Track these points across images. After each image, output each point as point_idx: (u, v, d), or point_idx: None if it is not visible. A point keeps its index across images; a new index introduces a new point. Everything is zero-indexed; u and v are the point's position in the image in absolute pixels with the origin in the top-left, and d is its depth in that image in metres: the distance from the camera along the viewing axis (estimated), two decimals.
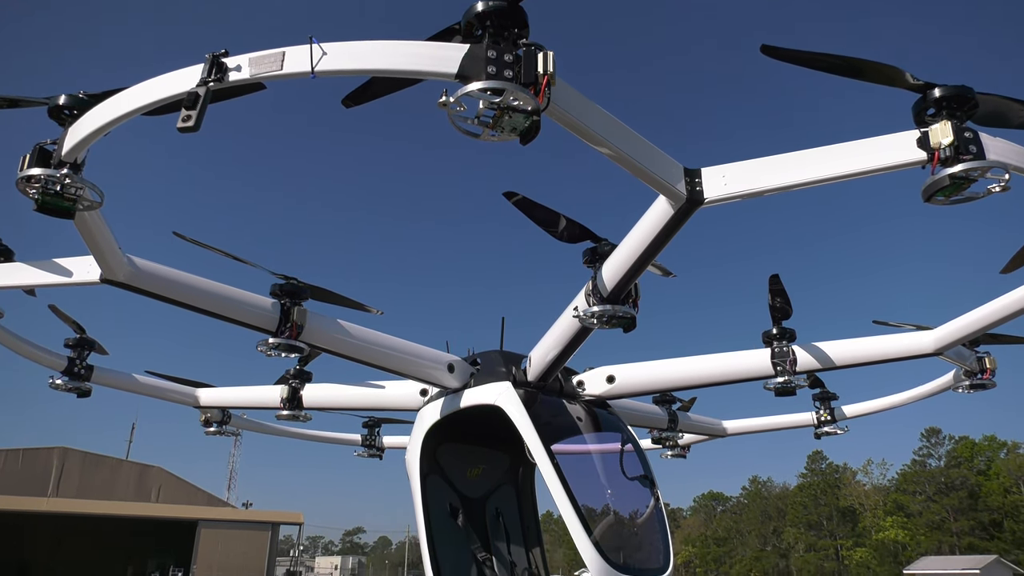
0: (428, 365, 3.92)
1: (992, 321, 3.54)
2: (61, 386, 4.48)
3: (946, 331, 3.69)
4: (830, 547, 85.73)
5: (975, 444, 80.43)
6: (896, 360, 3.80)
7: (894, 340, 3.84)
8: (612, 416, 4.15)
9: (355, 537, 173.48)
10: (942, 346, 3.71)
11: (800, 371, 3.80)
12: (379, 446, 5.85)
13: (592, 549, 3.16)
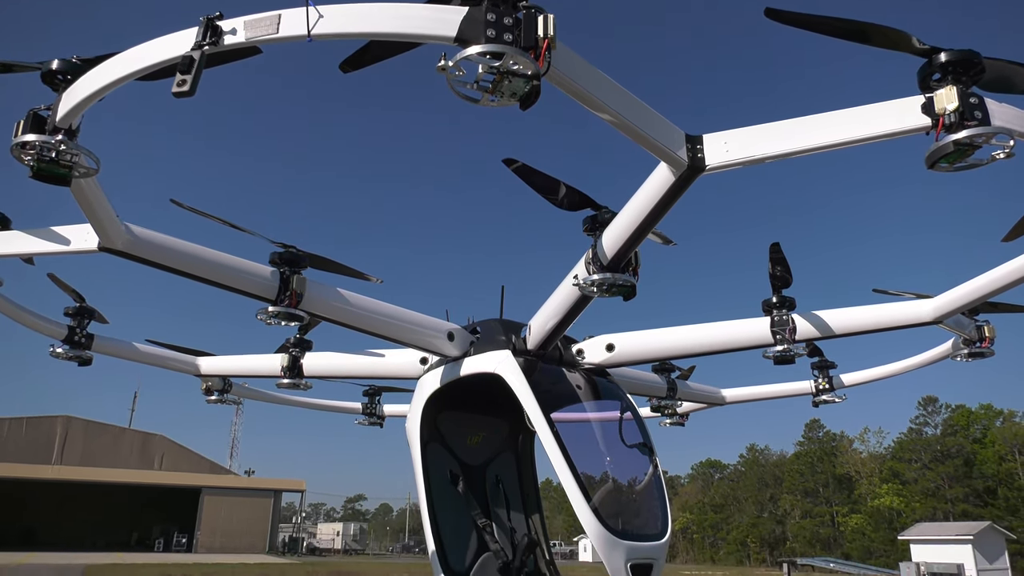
0: (428, 333, 3.92)
1: (992, 290, 3.53)
2: (62, 354, 4.48)
3: (945, 300, 3.68)
4: (826, 514, 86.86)
5: (971, 413, 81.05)
6: (895, 329, 3.80)
7: (893, 308, 3.83)
8: (611, 384, 4.16)
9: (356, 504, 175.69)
10: (941, 315, 3.70)
11: (799, 339, 3.80)
12: (379, 414, 5.88)
13: (591, 515, 3.19)
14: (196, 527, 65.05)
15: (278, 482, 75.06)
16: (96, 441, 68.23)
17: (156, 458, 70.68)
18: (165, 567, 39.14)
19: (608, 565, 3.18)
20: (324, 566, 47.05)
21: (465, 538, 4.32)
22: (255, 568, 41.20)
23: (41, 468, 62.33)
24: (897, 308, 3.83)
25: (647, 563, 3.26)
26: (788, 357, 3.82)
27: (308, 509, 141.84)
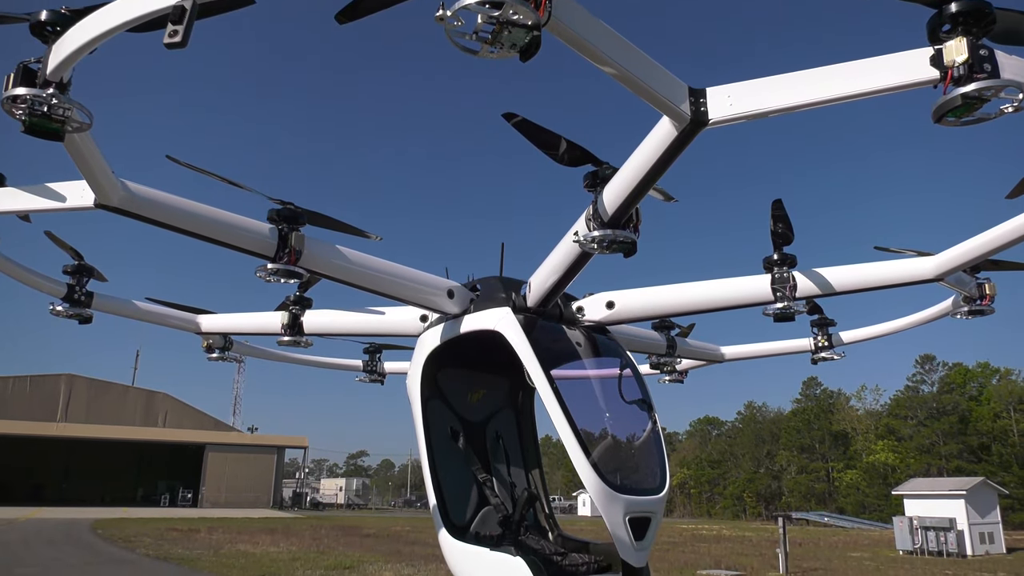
0: (428, 291, 3.90)
1: (994, 247, 3.50)
2: (62, 312, 4.47)
3: (947, 257, 3.66)
4: (821, 469, 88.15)
5: (968, 371, 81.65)
6: (896, 286, 3.78)
7: (894, 266, 3.81)
8: (611, 341, 4.16)
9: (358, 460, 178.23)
10: (942, 272, 3.68)
11: (800, 297, 3.79)
12: (380, 371, 5.91)
13: (590, 470, 3.22)
14: (201, 483, 66.10)
15: (281, 439, 76.06)
16: (100, 399, 68.93)
17: (160, 415, 71.47)
18: (171, 521, 39.87)
19: (607, 519, 3.23)
20: (328, 520, 47.93)
21: (466, 492, 4.37)
22: (259, 522, 41.96)
23: (46, 425, 63.11)
24: (898, 265, 3.80)
25: (645, 516, 3.31)
26: (788, 314, 3.81)
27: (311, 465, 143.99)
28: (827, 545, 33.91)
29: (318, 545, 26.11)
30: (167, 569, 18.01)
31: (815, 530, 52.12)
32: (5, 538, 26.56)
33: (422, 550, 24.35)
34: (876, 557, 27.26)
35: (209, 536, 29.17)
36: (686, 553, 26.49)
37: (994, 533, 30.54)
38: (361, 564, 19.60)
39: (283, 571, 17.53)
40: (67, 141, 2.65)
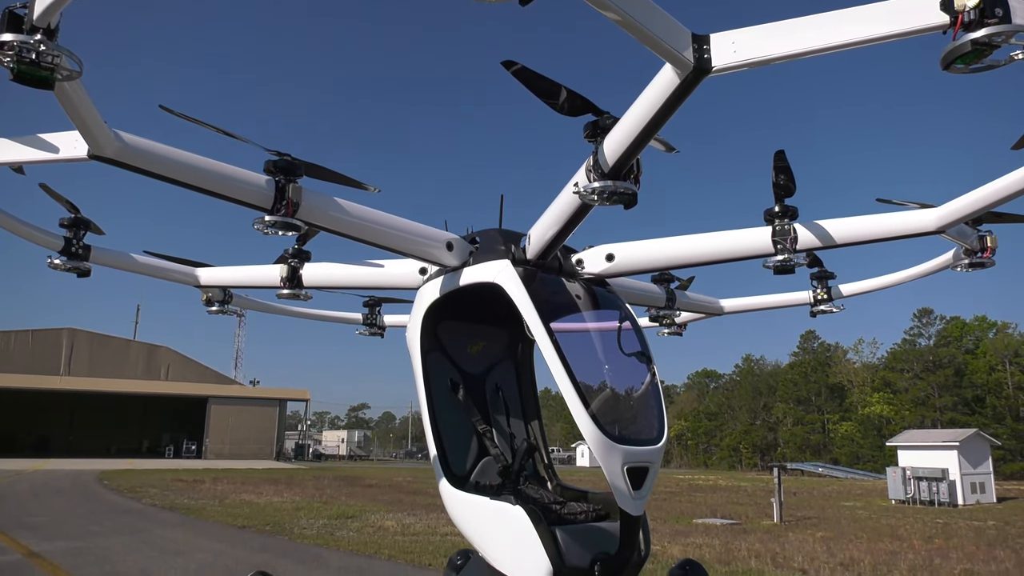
0: (427, 243, 3.86)
1: (997, 199, 3.46)
2: (60, 266, 4.44)
3: (949, 209, 3.62)
4: (817, 421, 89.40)
5: (965, 324, 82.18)
6: (897, 238, 3.75)
7: (896, 218, 3.78)
8: (610, 294, 4.15)
9: (360, 413, 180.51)
10: (944, 224, 3.65)
11: (801, 249, 3.76)
12: (380, 324, 5.89)
13: (589, 421, 3.24)
14: (204, 435, 67.04)
15: (283, 391, 76.89)
16: (101, 353, 69.46)
17: (162, 369, 72.10)
18: (176, 472, 40.55)
19: (605, 468, 3.26)
20: (330, 471, 48.75)
21: (466, 443, 4.41)
22: (263, 473, 42.68)
23: (49, 379, 63.72)
24: (900, 217, 3.77)
25: (643, 466, 3.34)
26: (788, 267, 3.78)
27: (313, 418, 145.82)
28: (821, 495, 34.57)
29: (321, 495, 26.59)
30: (173, 518, 18.37)
31: (809, 480, 53.10)
32: (14, 489, 27.04)
33: (423, 500, 24.83)
34: (869, 506, 27.82)
35: (214, 486, 29.69)
36: (683, 503, 27.01)
37: (985, 483, 31.13)
38: (364, 513, 20.00)
39: (287, 520, 17.89)
40: (57, 90, 2.59)
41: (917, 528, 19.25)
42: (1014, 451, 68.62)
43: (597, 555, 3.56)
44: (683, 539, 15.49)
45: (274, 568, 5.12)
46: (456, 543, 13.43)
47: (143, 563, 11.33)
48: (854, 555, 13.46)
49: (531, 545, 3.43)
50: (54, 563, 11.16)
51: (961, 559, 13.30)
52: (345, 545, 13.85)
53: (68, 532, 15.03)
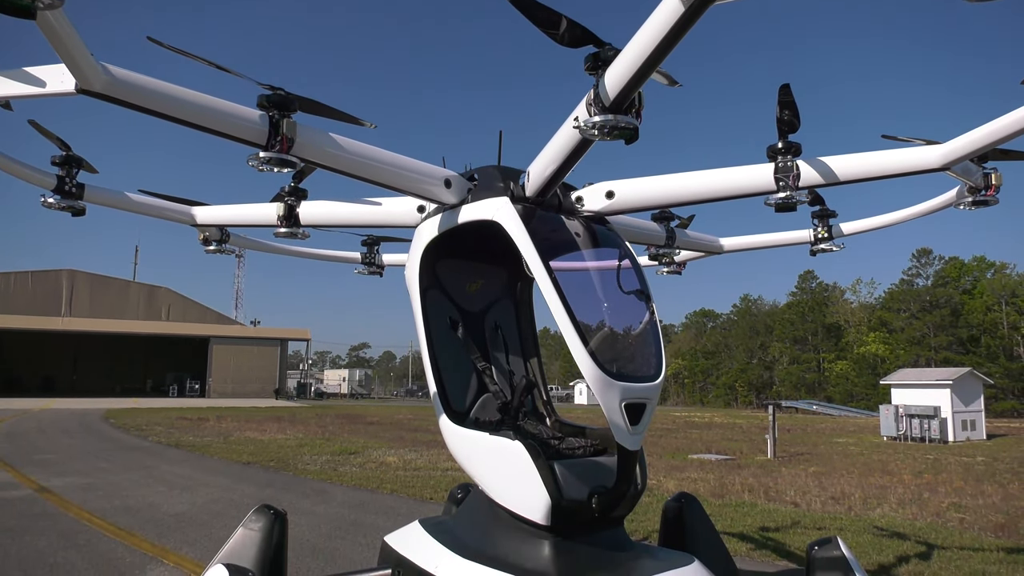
0: (424, 180, 3.81)
1: (1004, 135, 3.38)
2: (54, 205, 4.38)
3: (955, 145, 3.55)
4: (813, 360, 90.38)
5: (964, 264, 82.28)
6: (902, 175, 3.69)
7: (900, 154, 3.71)
8: (610, 232, 4.11)
9: (360, 352, 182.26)
10: (949, 161, 3.58)
11: (803, 186, 3.71)
12: (379, 263, 5.87)
13: (588, 359, 3.25)
14: (207, 374, 67.80)
15: (284, 331, 77.40)
16: (101, 294, 69.64)
17: (163, 309, 72.41)
18: (181, 410, 41.18)
19: (604, 405, 3.29)
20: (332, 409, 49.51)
21: (465, 380, 4.44)
22: (266, 411, 43.34)
23: (52, 320, 64.07)
24: (905, 154, 3.70)
25: (641, 403, 3.37)
26: (790, 204, 3.73)
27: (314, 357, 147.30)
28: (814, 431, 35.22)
29: (324, 432, 27.07)
30: (179, 455, 18.73)
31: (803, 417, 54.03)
32: (22, 427, 27.49)
33: (424, 436, 25.28)
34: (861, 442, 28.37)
35: (218, 424, 30.19)
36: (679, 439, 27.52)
37: (976, 420, 31.66)
38: (366, 449, 20.39)
39: (291, 456, 18.25)
40: (40, 19, 2.50)
41: (907, 463, 19.68)
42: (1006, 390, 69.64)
43: (595, 488, 3.63)
44: (679, 474, 15.84)
45: (279, 502, 5.25)
46: (457, 478, 13.74)
47: (151, 498, 11.60)
48: (845, 489, 13.79)
49: (530, 479, 3.50)
50: (65, 498, 11.42)
51: (949, 493, 13.63)
52: (348, 480, 14.16)
53: (77, 468, 15.34)
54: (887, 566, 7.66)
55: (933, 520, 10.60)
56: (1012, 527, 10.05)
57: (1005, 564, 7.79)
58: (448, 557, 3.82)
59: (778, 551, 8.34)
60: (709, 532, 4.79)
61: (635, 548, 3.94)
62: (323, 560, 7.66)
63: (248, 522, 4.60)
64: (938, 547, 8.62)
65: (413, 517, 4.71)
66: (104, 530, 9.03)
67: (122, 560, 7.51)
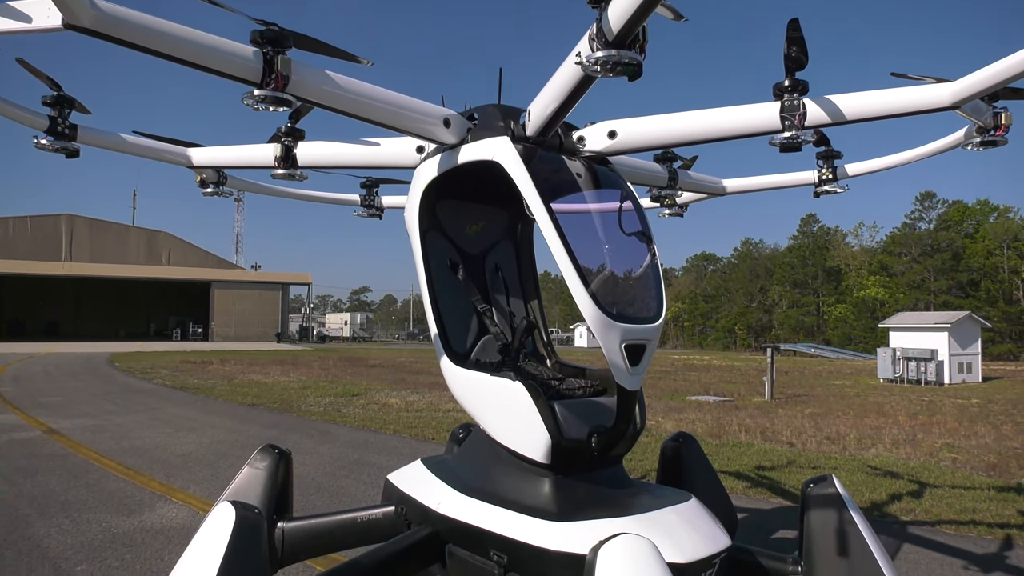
0: (423, 119, 3.73)
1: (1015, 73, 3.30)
2: (47, 146, 4.31)
3: (965, 83, 3.45)
4: (812, 304, 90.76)
5: (967, 208, 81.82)
6: (911, 114, 3.60)
7: (909, 92, 3.62)
8: (612, 173, 4.06)
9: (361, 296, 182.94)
10: (959, 99, 3.49)
11: (809, 125, 3.63)
12: (378, 206, 5.82)
13: (588, 300, 3.24)
14: (210, 318, 68.23)
15: (285, 275, 77.56)
16: (101, 239, 69.55)
17: (163, 254, 72.42)
18: (184, 354, 41.57)
19: (604, 346, 3.30)
20: (334, 352, 49.97)
21: (466, 322, 4.45)
22: (269, 354, 43.76)
23: (53, 265, 64.15)
24: (913, 92, 3.60)
25: (641, 343, 3.38)
26: (795, 144, 3.65)
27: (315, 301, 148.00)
28: (812, 374, 35.60)
29: (326, 375, 27.38)
30: (185, 397, 18.99)
31: (801, 360, 54.55)
32: (28, 371, 27.79)
33: (426, 379, 25.58)
34: (857, 384, 28.70)
35: (222, 367, 30.52)
36: (677, 381, 27.84)
37: (972, 363, 31.97)
38: (368, 391, 20.65)
39: (295, 398, 18.49)
40: None
41: (903, 405, 19.94)
42: (1003, 333, 70.16)
43: (594, 428, 3.67)
44: (677, 415, 16.07)
45: (284, 442, 5.33)
46: (458, 418, 13.96)
47: (158, 439, 11.80)
48: (840, 430, 14.00)
49: (530, 418, 3.53)
50: (73, 439, 11.62)
51: (943, 434, 13.84)
52: (351, 421, 14.37)
53: (84, 411, 15.56)
54: (880, 503, 7.83)
55: (926, 460, 10.79)
56: (1003, 466, 10.24)
57: (995, 502, 7.96)
58: (449, 494, 3.89)
59: (774, 489, 8.52)
60: (706, 471, 4.87)
61: (634, 485, 4.01)
62: (328, 497, 7.83)
63: (253, 461, 4.68)
64: (930, 485, 8.80)
65: (415, 456, 4.79)
66: (113, 470, 9.22)
67: (131, 498, 7.68)
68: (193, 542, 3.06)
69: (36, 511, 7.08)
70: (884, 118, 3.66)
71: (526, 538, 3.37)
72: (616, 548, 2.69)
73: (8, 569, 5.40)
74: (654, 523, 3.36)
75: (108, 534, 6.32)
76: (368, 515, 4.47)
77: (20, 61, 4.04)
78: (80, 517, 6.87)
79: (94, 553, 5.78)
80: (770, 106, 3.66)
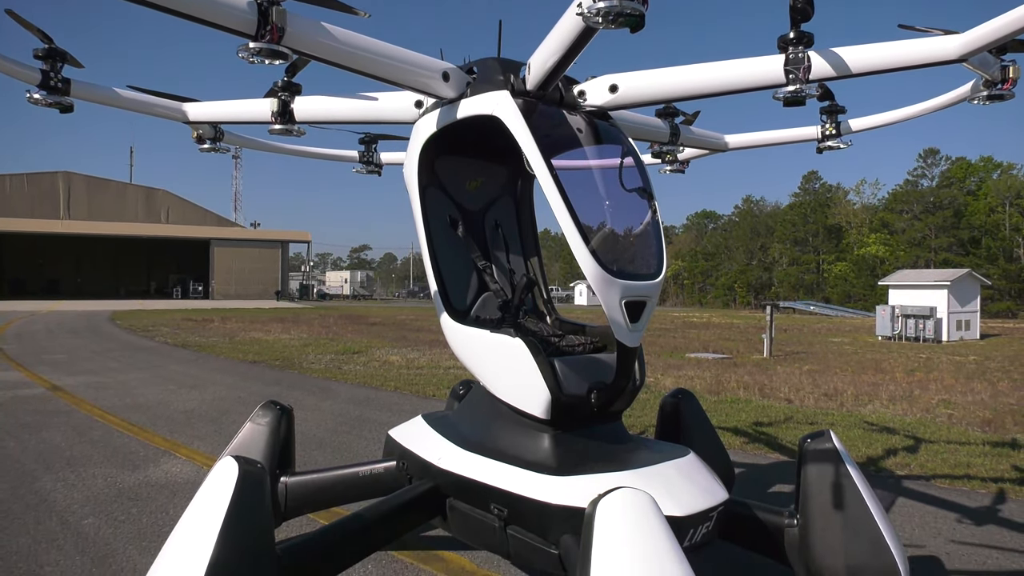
0: (421, 73, 3.67)
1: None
2: (40, 100, 4.24)
3: (974, 35, 3.37)
4: (812, 261, 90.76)
5: (970, 165, 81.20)
6: (918, 67, 3.53)
7: (916, 45, 3.54)
8: (613, 128, 4.00)
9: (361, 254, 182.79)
10: (967, 52, 3.41)
11: (814, 79, 3.56)
12: (377, 162, 5.76)
13: (589, 256, 3.23)
14: (210, 276, 68.29)
15: (284, 233, 77.41)
16: (99, 196, 69.18)
17: (162, 212, 72.14)
18: (185, 312, 41.70)
19: (604, 302, 3.30)
20: (335, 310, 50.12)
21: (466, 279, 4.45)
22: (270, 312, 43.90)
23: (52, 223, 63.96)
24: (920, 44, 3.52)
25: (641, 300, 3.38)
26: (799, 98, 3.59)
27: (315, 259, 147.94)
28: (810, 331, 35.77)
29: (327, 332, 27.51)
30: (187, 355, 19.10)
31: (800, 318, 54.74)
32: (30, 328, 27.92)
33: (426, 336, 25.70)
34: (855, 342, 28.85)
35: (223, 325, 30.64)
36: (676, 338, 27.98)
37: (971, 321, 32.10)
38: (369, 349, 20.76)
39: (296, 356, 18.61)
40: None
41: (900, 362, 20.07)
42: (1003, 290, 70.29)
43: (594, 384, 3.69)
44: (676, 372, 16.19)
45: (286, 399, 5.38)
46: (458, 375, 14.06)
47: (161, 396, 11.90)
48: (838, 386, 14.12)
49: (530, 375, 3.55)
50: (77, 396, 11.72)
51: (939, 390, 13.96)
52: (352, 378, 14.49)
53: (87, 368, 15.67)
54: (876, 458, 7.93)
55: (922, 416, 10.89)
56: (999, 422, 10.34)
57: (990, 456, 8.06)
58: (450, 449, 3.94)
59: (771, 444, 8.62)
60: (705, 426, 4.92)
61: (633, 441, 4.05)
62: (329, 452, 7.93)
63: (255, 417, 4.73)
64: (926, 441, 8.90)
65: (416, 413, 4.83)
66: (117, 426, 9.31)
67: (136, 454, 7.78)
68: (197, 496, 3.10)
69: (42, 466, 7.18)
70: (890, 71, 3.60)
71: (526, 492, 3.42)
72: (615, 501, 2.73)
73: (16, 522, 5.50)
74: (653, 477, 3.40)
75: (114, 488, 6.42)
76: (370, 470, 4.53)
77: (9, 12, 3.96)
78: (86, 472, 6.97)
79: (100, 507, 5.88)
80: (774, 59, 3.59)
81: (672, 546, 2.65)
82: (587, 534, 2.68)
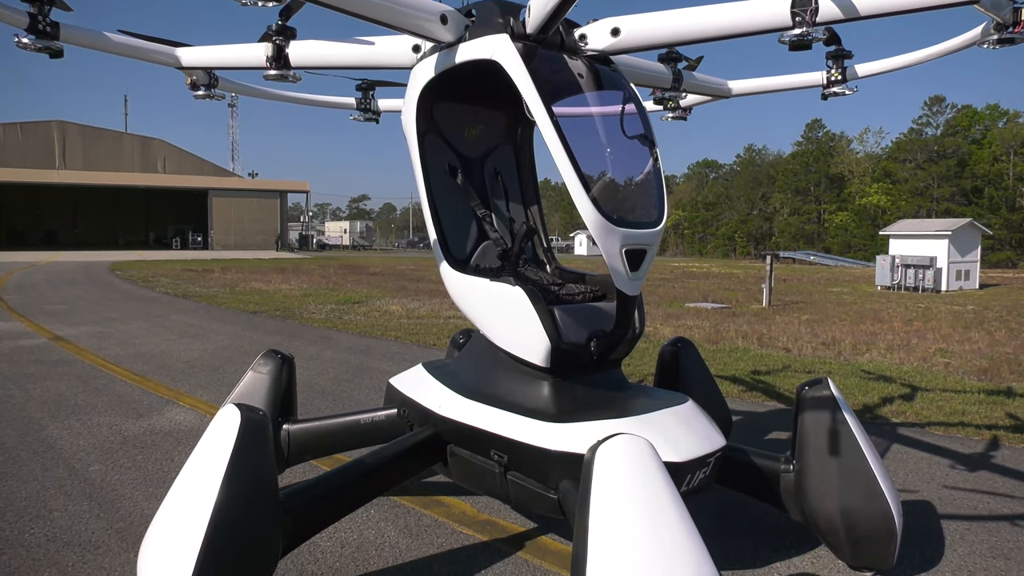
0: (418, 15, 3.58)
1: None
2: (28, 45, 4.15)
3: None
4: (813, 211, 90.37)
5: (976, 113, 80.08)
6: (931, 8, 3.43)
7: None
8: (615, 73, 3.93)
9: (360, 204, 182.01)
10: None
11: (821, 22, 3.48)
12: (374, 109, 5.67)
13: (589, 204, 3.21)
14: (209, 226, 68.04)
15: (283, 183, 76.81)
16: (95, 146, 68.42)
17: (158, 162, 71.45)
18: (185, 262, 41.69)
19: (604, 250, 3.28)
20: (335, 260, 50.10)
21: (465, 228, 4.42)
22: (270, 263, 43.89)
23: (48, 173, 63.40)
24: None
25: (641, 248, 3.36)
26: (805, 42, 3.51)
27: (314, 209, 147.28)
28: (810, 281, 35.82)
29: (327, 283, 27.53)
30: (188, 305, 19.15)
31: (800, 268, 54.76)
32: (30, 279, 27.93)
33: (426, 286, 25.74)
34: (855, 291, 28.92)
35: (223, 275, 30.66)
36: (676, 288, 28.03)
37: (971, 271, 32.10)
38: (369, 299, 20.81)
39: (296, 306, 18.66)
40: None
41: (899, 311, 20.15)
42: (1003, 240, 70.20)
43: (594, 332, 3.71)
44: (675, 321, 16.26)
45: (287, 348, 5.40)
46: (458, 324, 14.12)
47: (163, 345, 11.97)
48: (836, 336, 14.20)
49: (530, 323, 3.56)
50: (80, 346, 11.79)
51: (937, 339, 14.04)
52: (353, 328, 14.56)
53: (88, 318, 15.73)
54: (872, 406, 8.02)
55: (919, 364, 10.98)
56: (995, 371, 10.43)
57: (985, 404, 8.15)
58: (451, 397, 3.97)
59: (769, 393, 8.71)
60: (703, 374, 4.96)
61: (632, 388, 4.09)
62: (331, 401, 8.01)
63: (257, 366, 4.76)
64: (922, 389, 8.98)
65: (417, 361, 4.86)
66: (120, 375, 9.39)
67: (140, 403, 7.86)
68: (200, 443, 3.14)
69: (47, 414, 7.26)
70: (900, 13, 3.51)
71: (526, 438, 3.46)
72: (614, 447, 2.76)
73: (24, 468, 5.58)
74: (651, 424, 3.44)
75: (119, 436, 6.50)
76: (371, 417, 4.58)
77: None
78: (91, 420, 7.05)
79: (106, 454, 5.96)
80: (781, 1, 3.50)
81: (670, 491, 2.69)
82: (586, 479, 2.72)
